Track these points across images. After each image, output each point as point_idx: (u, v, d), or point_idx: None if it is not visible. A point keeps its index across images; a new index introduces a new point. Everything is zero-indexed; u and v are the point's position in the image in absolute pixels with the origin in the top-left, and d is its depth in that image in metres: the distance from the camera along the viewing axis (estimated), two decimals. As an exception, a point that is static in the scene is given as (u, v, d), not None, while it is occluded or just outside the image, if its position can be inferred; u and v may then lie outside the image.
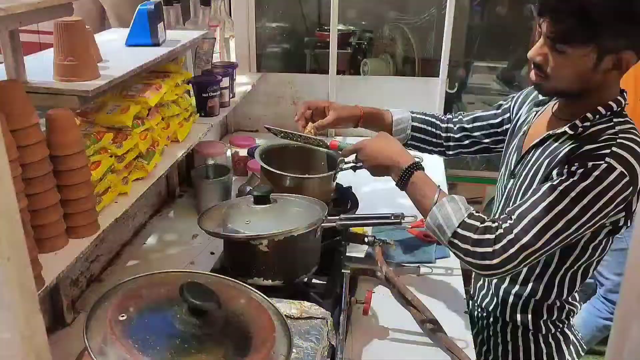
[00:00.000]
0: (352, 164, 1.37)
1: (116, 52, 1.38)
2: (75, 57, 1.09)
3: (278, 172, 1.35)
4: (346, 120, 1.46)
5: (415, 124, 1.50)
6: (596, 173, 1.02)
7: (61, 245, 1.06)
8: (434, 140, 1.50)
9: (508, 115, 1.41)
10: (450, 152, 1.50)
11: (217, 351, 0.71)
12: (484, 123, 1.44)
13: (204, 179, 1.71)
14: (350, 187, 1.57)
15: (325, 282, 1.29)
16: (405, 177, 1.22)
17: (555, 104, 1.25)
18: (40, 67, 1.16)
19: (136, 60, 1.30)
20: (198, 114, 1.77)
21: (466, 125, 1.46)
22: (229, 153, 2.05)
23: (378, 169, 1.29)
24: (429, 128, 1.49)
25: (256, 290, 0.88)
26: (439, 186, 1.20)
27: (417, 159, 1.24)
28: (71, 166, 1.04)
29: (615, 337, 0.39)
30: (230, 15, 2.26)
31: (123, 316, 0.71)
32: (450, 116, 1.51)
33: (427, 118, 1.51)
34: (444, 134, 1.49)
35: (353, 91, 2.41)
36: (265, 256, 1.13)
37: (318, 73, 3.01)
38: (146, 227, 1.72)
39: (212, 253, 1.56)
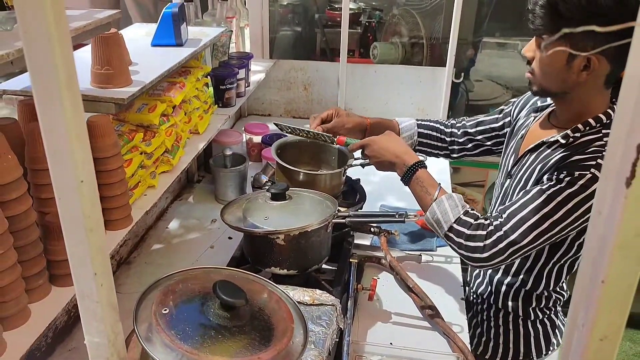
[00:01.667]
0: (361, 161, 1.48)
1: (143, 53, 1.48)
2: (112, 67, 1.19)
3: (293, 168, 1.47)
4: (350, 129, 1.54)
5: (421, 130, 1.60)
6: (581, 182, 1.13)
7: (100, 238, 1.18)
8: (439, 144, 1.60)
9: (509, 119, 1.51)
10: (455, 155, 1.61)
11: (245, 341, 0.83)
12: (487, 127, 1.55)
13: (222, 167, 1.83)
14: (359, 180, 1.69)
15: (334, 268, 1.42)
16: (409, 174, 1.34)
17: (551, 111, 1.35)
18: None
19: (163, 62, 1.40)
20: (216, 105, 1.87)
21: (470, 130, 1.57)
22: (244, 139, 2.16)
23: (383, 165, 1.41)
24: (434, 134, 1.60)
25: (276, 285, 1.00)
26: (439, 184, 1.31)
27: (420, 158, 1.36)
28: (108, 167, 1.15)
29: (569, 324, 0.48)
30: (245, 4, 2.34)
31: (166, 310, 0.84)
32: (454, 122, 1.61)
33: (431, 124, 1.61)
34: (448, 139, 1.60)
35: (363, 78, 2.51)
36: (281, 248, 1.26)
37: (328, 53, 3.09)
38: (168, 212, 1.84)
39: (230, 238, 1.69)
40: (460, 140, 1.58)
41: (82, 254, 0.49)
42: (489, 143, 1.56)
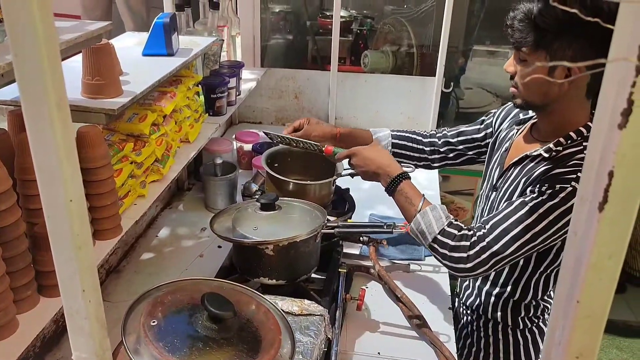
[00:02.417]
0: (351, 171, 1.49)
1: (134, 63, 1.48)
2: (102, 77, 1.20)
3: (283, 178, 1.48)
4: (317, 137, 1.58)
5: (395, 141, 1.62)
6: (562, 194, 1.15)
7: (89, 248, 1.19)
8: (416, 155, 1.62)
9: (490, 130, 1.53)
10: (436, 165, 1.63)
11: (233, 352, 0.84)
12: (468, 137, 1.57)
13: (212, 176, 1.83)
14: (348, 189, 1.70)
15: (323, 278, 1.43)
16: (393, 185, 1.35)
17: (533, 124, 1.37)
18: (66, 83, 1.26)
19: (153, 72, 1.41)
20: (207, 114, 1.88)
21: (451, 140, 1.59)
22: (234, 147, 2.16)
23: (368, 175, 1.43)
24: (410, 144, 1.62)
25: (264, 296, 1.01)
26: (423, 195, 1.33)
27: (405, 169, 1.38)
28: (99, 177, 1.15)
29: (547, 341, 0.50)
30: (237, 13, 2.35)
31: (154, 322, 0.85)
32: (433, 132, 1.63)
33: (407, 135, 1.63)
34: (427, 148, 1.61)
35: (353, 87, 2.52)
36: (270, 259, 1.27)
37: (319, 61, 3.11)
38: (158, 220, 1.85)
39: (219, 247, 1.69)
40: (442, 150, 1.60)
41: (71, 271, 0.50)
42: (470, 153, 1.58)
